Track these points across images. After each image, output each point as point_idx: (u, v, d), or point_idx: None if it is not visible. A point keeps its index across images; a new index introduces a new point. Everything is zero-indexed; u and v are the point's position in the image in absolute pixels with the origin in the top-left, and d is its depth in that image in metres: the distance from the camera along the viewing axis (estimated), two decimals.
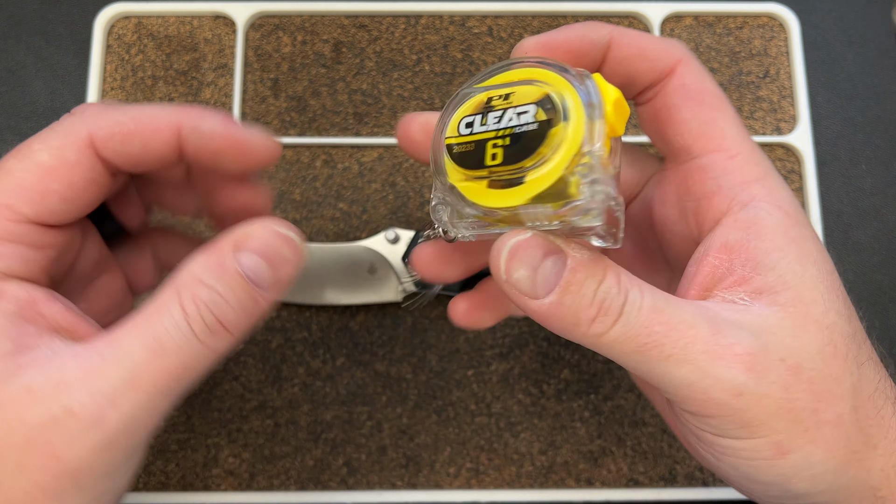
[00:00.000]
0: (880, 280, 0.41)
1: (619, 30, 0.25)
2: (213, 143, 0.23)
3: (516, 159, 0.22)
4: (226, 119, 0.23)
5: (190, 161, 0.24)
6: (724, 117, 0.24)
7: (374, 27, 0.43)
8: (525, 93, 0.22)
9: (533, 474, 0.38)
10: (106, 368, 0.21)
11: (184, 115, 0.23)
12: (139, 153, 0.23)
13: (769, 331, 0.21)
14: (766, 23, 0.44)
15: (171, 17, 0.43)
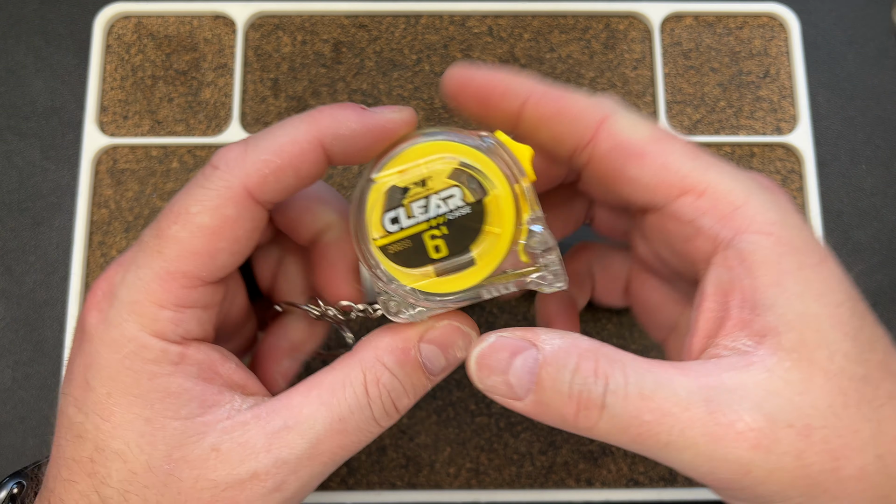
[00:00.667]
0: (880, 280, 0.41)
1: (540, 87, 0.24)
2: (357, 143, 0.23)
3: (463, 247, 0.22)
4: (359, 113, 0.23)
5: (338, 163, 0.24)
6: (675, 158, 0.22)
7: (373, 27, 0.43)
8: (440, 173, 0.22)
9: (533, 474, 0.38)
10: (290, 438, 0.22)
11: (321, 127, 0.23)
12: (294, 182, 0.23)
13: (775, 392, 0.20)
14: (767, 23, 0.44)
15: (171, 17, 0.43)
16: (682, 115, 0.42)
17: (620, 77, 0.43)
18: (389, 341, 0.23)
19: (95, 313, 0.22)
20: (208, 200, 0.22)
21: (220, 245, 0.22)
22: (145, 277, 0.22)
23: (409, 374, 0.23)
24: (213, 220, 0.22)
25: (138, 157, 0.41)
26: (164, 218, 0.22)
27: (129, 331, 0.22)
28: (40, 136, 0.42)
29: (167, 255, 0.22)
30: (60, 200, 0.41)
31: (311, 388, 0.23)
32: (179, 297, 0.22)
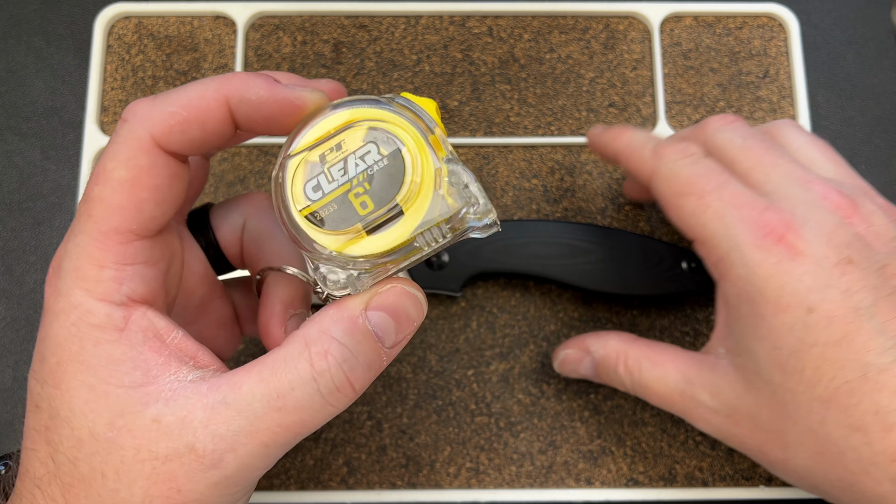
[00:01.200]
0: None
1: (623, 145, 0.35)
2: (262, 109, 0.23)
3: (388, 197, 0.22)
4: (269, 82, 0.23)
5: (245, 129, 0.24)
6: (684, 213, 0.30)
7: (374, 27, 0.43)
8: (353, 136, 0.22)
9: (533, 474, 0.38)
10: (228, 415, 0.21)
11: (230, 88, 0.23)
12: (200, 136, 0.23)
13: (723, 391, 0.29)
14: (766, 23, 0.44)
15: (172, 18, 0.43)
16: (681, 116, 0.42)
17: (620, 77, 0.43)
18: (334, 312, 0.23)
19: (49, 288, 0.23)
20: (120, 153, 0.22)
21: (141, 195, 0.22)
22: (82, 243, 0.22)
23: (360, 343, 0.22)
24: (128, 172, 0.22)
25: None
26: (88, 182, 0.23)
27: (75, 298, 0.22)
28: (41, 136, 0.42)
29: (96, 215, 0.22)
30: (61, 200, 0.41)
31: (255, 364, 0.22)
32: (117, 254, 0.22)
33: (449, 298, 0.39)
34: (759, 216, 0.27)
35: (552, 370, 0.38)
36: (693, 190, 0.29)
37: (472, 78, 0.43)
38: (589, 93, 0.43)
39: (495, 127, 0.42)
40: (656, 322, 0.39)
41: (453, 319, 0.39)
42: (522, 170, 0.41)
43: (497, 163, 0.41)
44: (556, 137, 0.42)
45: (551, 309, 0.39)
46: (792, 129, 0.32)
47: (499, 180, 0.41)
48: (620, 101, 0.42)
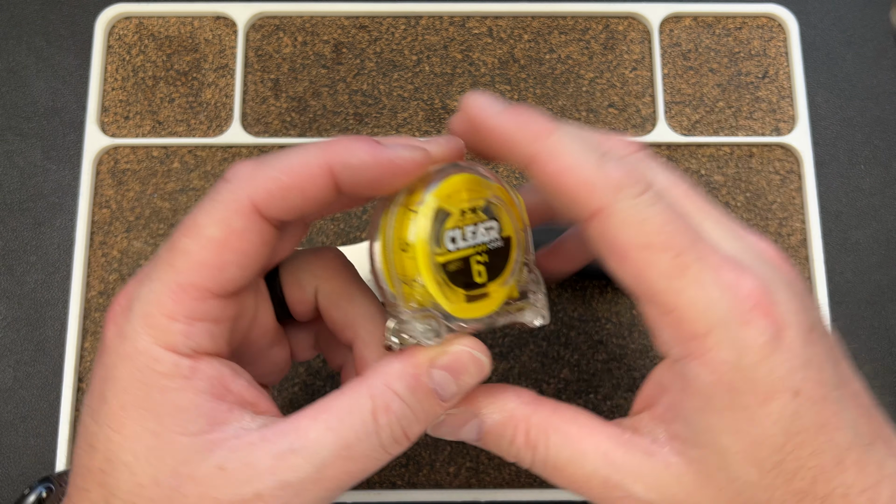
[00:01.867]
0: (879, 280, 0.41)
1: (546, 152, 0.23)
2: (365, 174, 0.23)
3: (495, 275, 0.24)
4: (371, 145, 0.23)
5: (348, 193, 0.24)
6: (652, 273, 0.22)
7: (374, 28, 0.43)
8: (477, 204, 0.24)
9: (533, 474, 0.38)
10: (295, 462, 0.22)
11: (332, 154, 0.23)
12: (300, 203, 0.23)
13: (665, 484, 0.23)
14: (765, 23, 0.44)
15: (172, 18, 0.43)
16: (681, 116, 0.42)
17: (619, 78, 0.43)
18: (400, 367, 0.23)
19: (112, 327, 0.23)
20: (216, 212, 0.22)
21: (227, 257, 0.22)
22: (157, 290, 0.22)
23: (420, 401, 0.23)
24: (220, 232, 0.22)
25: (139, 158, 0.41)
26: (177, 231, 0.23)
27: (141, 344, 0.22)
28: (42, 136, 0.42)
29: (178, 267, 0.22)
30: (62, 201, 0.41)
31: (320, 412, 0.23)
32: (190, 309, 0.22)
33: None
34: (739, 282, 0.22)
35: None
36: (670, 244, 0.22)
37: (472, 78, 0.43)
38: (589, 93, 0.43)
39: None
40: None
41: None
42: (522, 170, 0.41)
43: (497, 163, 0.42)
44: None
45: (551, 309, 0.39)
46: (658, 165, 0.26)
47: None
48: (620, 101, 0.43)
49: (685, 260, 0.22)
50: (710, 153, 0.42)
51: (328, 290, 0.27)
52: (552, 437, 0.24)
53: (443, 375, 0.24)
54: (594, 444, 0.24)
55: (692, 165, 0.42)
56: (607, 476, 0.24)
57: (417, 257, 0.23)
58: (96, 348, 0.39)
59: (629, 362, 0.39)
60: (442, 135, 0.25)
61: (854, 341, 0.40)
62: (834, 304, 0.40)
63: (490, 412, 0.25)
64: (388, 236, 0.24)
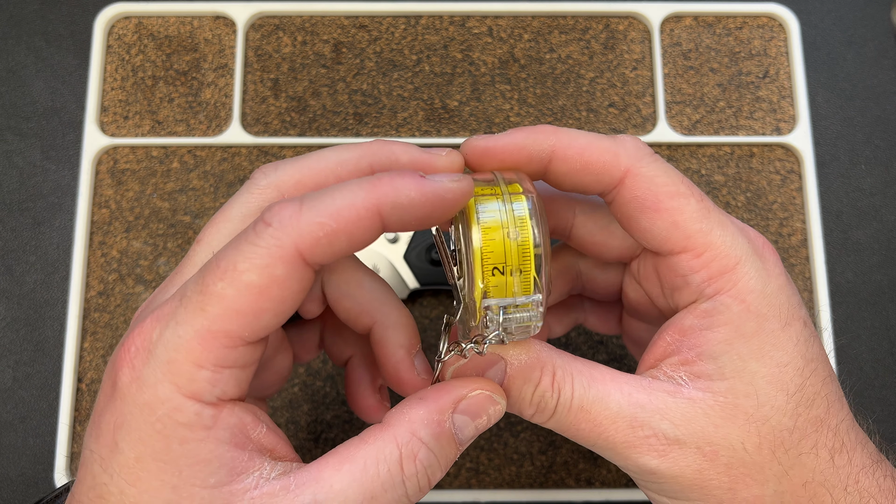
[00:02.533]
0: (880, 280, 0.41)
1: (563, 140, 0.25)
2: (414, 212, 0.22)
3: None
4: (418, 182, 0.22)
5: (394, 230, 0.23)
6: (684, 217, 0.24)
7: (374, 27, 0.43)
8: None
9: (533, 474, 0.38)
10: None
11: (380, 195, 0.22)
12: (346, 247, 0.22)
13: (691, 419, 0.24)
14: (766, 23, 0.44)
15: (172, 18, 0.43)
16: (681, 116, 0.42)
17: (620, 77, 0.43)
18: (424, 414, 0.23)
19: (128, 370, 0.21)
20: (257, 258, 0.21)
21: (265, 305, 0.21)
22: (185, 335, 0.21)
23: (443, 448, 0.23)
24: (260, 279, 0.21)
25: (139, 158, 0.41)
26: (210, 273, 0.21)
27: (163, 392, 0.21)
28: (41, 136, 0.42)
29: (210, 312, 0.21)
30: (61, 200, 0.41)
31: (343, 461, 0.22)
32: (219, 357, 0.21)
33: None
34: (745, 227, 0.26)
35: None
36: (691, 191, 0.25)
37: (472, 78, 0.43)
38: (589, 93, 0.43)
39: (495, 127, 0.42)
40: None
41: None
42: None
43: None
44: None
45: None
46: None
47: None
48: (620, 101, 0.42)
49: (707, 204, 0.25)
50: (710, 153, 0.42)
51: (336, 280, 0.26)
52: (577, 379, 0.25)
53: (464, 420, 0.23)
54: (617, 385, 0.25)
55: (692, 165, 0.42)
56: (634, 415, 0.24)
57: (531, 245, 0.23)
58: (97, 350, 0.39)
59: (629, 363, 0.39)
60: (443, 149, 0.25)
61: (854, 341, 0.40)
62: (834, 304, 0.40)
63: (516, 354, 0.25)
64: (490, 224, 0.23)
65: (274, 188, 0.24)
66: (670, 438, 0.24)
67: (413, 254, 0.38)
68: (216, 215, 0.25)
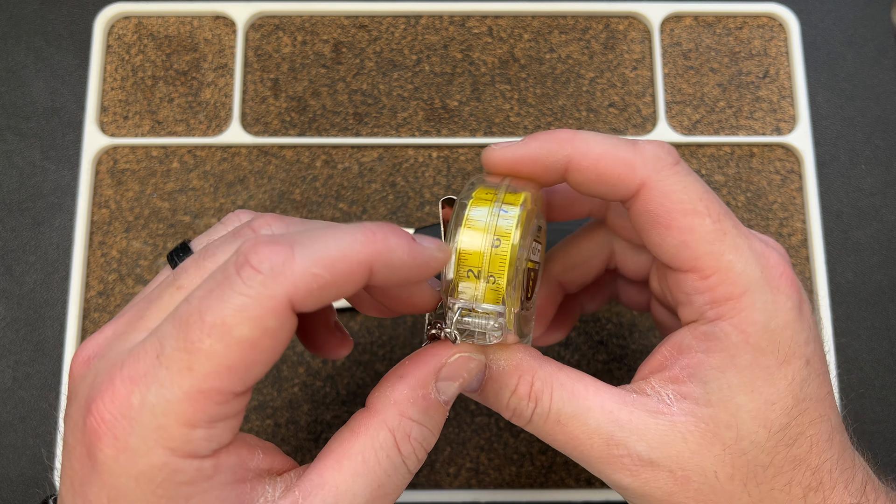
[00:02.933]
0: (880, 280, 0.41)
1: (580, 148, 0.24)
2: (400, 273, 0.22)
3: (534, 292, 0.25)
4: (410, 244, 0.22)
5: (374, 286, 0.23)
6: (695, 238, 0.24)
7: (374, 27, 0.43)
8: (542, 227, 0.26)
9: (533, 474, 0.38)
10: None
11: (374, 251, 0.21)
12: (333, 297, 0.21)
13: (668, 443, 0.24)
14: (766, 23, 0.44)
15: (172, 18, 0.43)
16: (681, 116, 0.42)
17: (620, 77, 0.43)
18: (409, 393, 0.23)
19: (110, 440, 0.20)
20: (249, 311, 0.20)
21: (256, 358, 0.20)
22: (172, 398, 0.20)
23: (433, 417, 0.23)
24: (252, 333, 0.20)
25: (138, 158, 0.41)
26: (195, 327, 0.20)
27: (158, 459, 0.20)
28: (41, 136, 0.42)
29: (198, 371, 0.20)
30: (61, 200, 0.41)
31: (341, 458, 0.22)
32: (212, 414, 0.20)
33: None
34: (768, 252, 0.25)
35: None
36: (709, 210, 0.24)
37: (472, 78, 0.43)
38: (589, 93, 0.43)
39: (495, 127, 0.42)
40: None
41: None
42: None
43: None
44: None
45: None
46: None
47: None
48: (620, 101, 0.42)
49: (724, 226, 0.24)
50: (710, 153, 0.42)
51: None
52: (557, 392, 0.25)
53: (446, 385, 0.24)
54: (599, 401, 0.24)
55: (693, 165, 0.42)
56: (611, 433, 0.24)
57: (508, 256, 0.23)
58: None
59: (629, 363, 0.39)
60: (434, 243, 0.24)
61: (854, 341, 0.40)
62: (834, 304, 0.40)
63: (497, 358, 0.25)
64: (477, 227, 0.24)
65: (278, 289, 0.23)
66: (644, 460, 0.24)
67: None
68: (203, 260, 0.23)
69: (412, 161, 0.41)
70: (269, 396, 0.38)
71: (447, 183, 0.41)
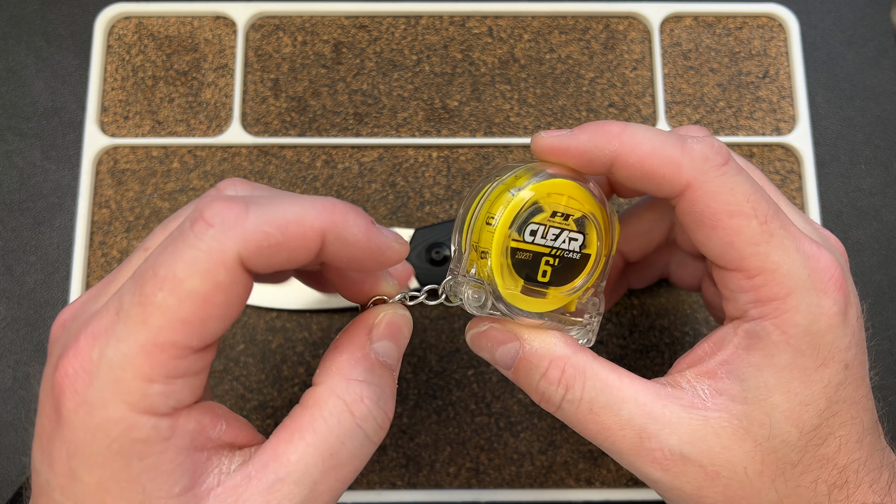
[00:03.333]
0: (880, 280, 0.41)
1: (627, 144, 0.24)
2: (352, 250, 0.22)
3: (560, 282, 0.26)
4: (368, 225, 0.22)
5: (326, 261, 0.23)
6: (741, 239, 0.24)
7: (374, 27, 0.43)
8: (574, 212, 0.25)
9: (533, 474, 0.38)
10: (287, 490, 0.21)
11: (329, 221, 0.21)
12: (283, 262, 0.21)
13: (700, 437, 0.24)
14: (766, 23, 0.44)
15: (172, 18, 0.43)
16: (681, 116, 0.42)
17: (620, 77, 0.43)
18: (348, 357, 0.23)
19: (71, 394, 0.20)
20: (199, 263, 0.20)
21: (211, 312, 0.20)
22: (129, 352, 0.20)
23: (381, 377, 0.23)
24: (204, 286, 0.20)
25: (139, 158, 0.41)
26: (148, 282, 0.20)
27: (115, 412, 0.20)
28: (41, 136, 0.42)
29: (153, 325, 0.20)
30: (61, 200, 0.41)
31: (293, 431, 0.22)
32: (169, 368, 0.20)
33: None
34: (818, 254, 0.24)
35: None
36: (756, 211, 0.24)
37: (472, 78, 0.43)
38: (589, 93, 0.43)
39: (495, 127, 0.42)
40: (656, 322, 0.39)
41: (453, 319, 0.39)
42: None
43: (497, 163, 0.41)
44: None
45: None
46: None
47: None
48: (620, 101, 0.43)
49: (771, 227, 0.24)
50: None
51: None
52: (590, 381, 0.25)
53: (384, 345, 0.24)
54: (633, 393, 0.25)
55: None
56: (643, 426, 0.24)
57: (495, 234, 0.24)
58: None
59: (629, 363, 0.39)
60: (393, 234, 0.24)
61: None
62: None
63: (530, 339, 0.26)
64: (481, 204, 0.25)
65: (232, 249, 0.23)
66: (675, 454, 0.24)
67: (413, 254, 0.38)
68: (168, 221, 0.24)
69: (412, 161, 0.41)
70: (269, 396, 0.38)
71: (447, 183, 0.41)
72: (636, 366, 0.39)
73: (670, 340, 0.39)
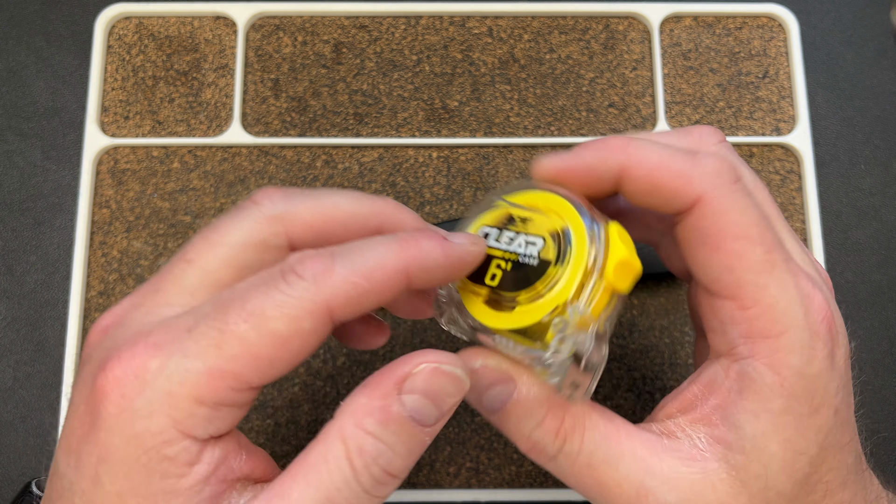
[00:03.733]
0: (879, 280, 0.41)
1: (633, 157, 0.23)
2: (437, 273, 0.22)
3: (512, 287, 0.23)
4: (442, 245, 0.22)
5: (415, 289, 0.23)
6: (742, 265, 0.23)
7: (374, 28, 0.43)
8: (541, 223, 0.23)
9: (533, 473, 0.38)
10: None
11: (409, 256, 0.22)
12: (372, 306, 0.22)
13: (700, 493, 0.23)
14: (766, 23, 0.44)
15: (172, 18, 0.43)
16: (681, 116, 0.42)
17: (620, 77, 0.43)
18: (366, 402, 0.22)
19: (117, 398, 0.20)
20: (289, 308, 0.20)
21: (283, 355, 0.21)
22: (192, 369, 0.20)
23: (395, 433, 0.21)
24: (287, 330, 0.20)
25: (139, 158, 0.41)
26: (234, 311, 0.20)
27: (157, 425, 0.20)
28: (41, 136, 0.42)
29: (226, 352, 0.20)
30: (61, 200, 0.41)
31: (300, 468, 0.22)
32: (222, 397, 0.20)
33: None
34: (813, 294, 0.23)
35: None
36: (762, 238, 0.23)
37: (472, 78, 0.43)
38: (589, 93, 0.43)
39: (495, 127, 0.42)
40: (656, 322, 0.39)
41: None
42: (522, 170, 0.41)
43: (497, 163, 0.41)
44: (556, 138, 0.42)
45: None
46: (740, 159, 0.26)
47: (499, 180, 0.41)
48: (620, 101, 0.43)
49: (774, 258, 0.23)
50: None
51: None
52: (589, 433, 0.23)
53: (416, 400, 0.22)
54: (632, 447, 0.23)
55: None
56: (641, 482, 0.23)
57: None
58: None
59: (629, 363, 0.39)
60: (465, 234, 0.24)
61: (854, 341, 0.40)
62: None
63: (529, 383, 0.23)
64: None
65: (281, 222, 0.24)
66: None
67: None
68: (209, 233, 0.24)
69: (412, 161, 0.41)
70: (269, 396, 0.38)
71: (447, 183, 0.41)
72: (636, 366, 0.39)
73: (670, 340, 0.39)
